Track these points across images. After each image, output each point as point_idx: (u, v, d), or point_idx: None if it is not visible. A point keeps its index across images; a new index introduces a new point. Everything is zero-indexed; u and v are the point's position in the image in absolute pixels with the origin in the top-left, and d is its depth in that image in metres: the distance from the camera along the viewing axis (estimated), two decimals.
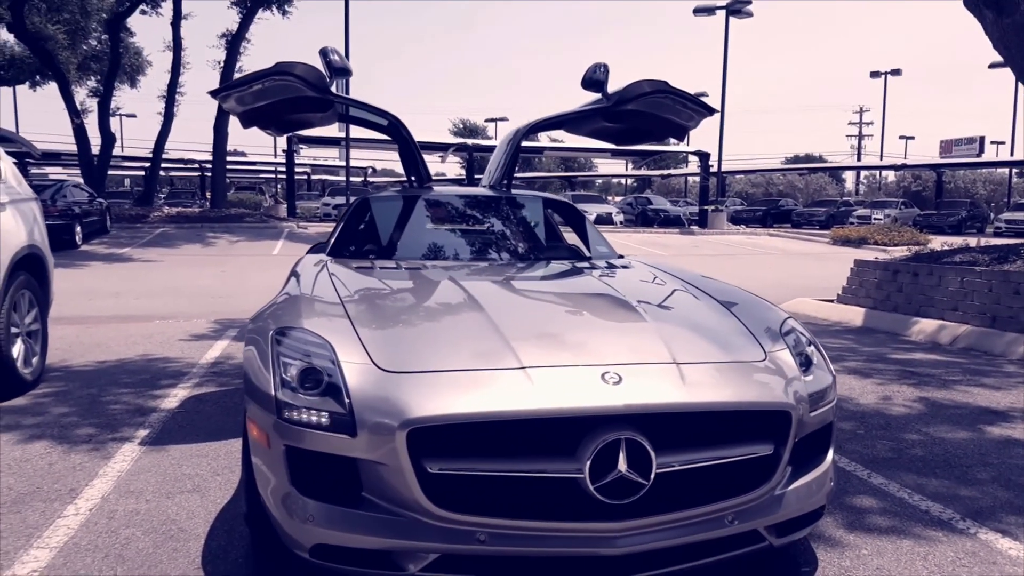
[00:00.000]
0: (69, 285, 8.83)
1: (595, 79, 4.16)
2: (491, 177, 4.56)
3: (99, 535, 2.48)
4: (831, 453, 2.27)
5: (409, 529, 1.83)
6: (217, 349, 5.63)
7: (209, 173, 30.01)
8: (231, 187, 37.96)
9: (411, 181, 4.56)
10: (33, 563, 2.29)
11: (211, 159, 25.60)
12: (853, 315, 7.55)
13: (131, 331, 6.36)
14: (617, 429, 1.83)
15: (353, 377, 1.93)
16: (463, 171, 34.55)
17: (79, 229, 14.90)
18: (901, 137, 52.72)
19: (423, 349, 2.08)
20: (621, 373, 1.96)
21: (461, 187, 4.80)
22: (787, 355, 2.24)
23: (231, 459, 3.22)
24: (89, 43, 24.56)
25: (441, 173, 47.13)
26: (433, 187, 4.37)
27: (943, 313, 6.67)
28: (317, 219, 25.17)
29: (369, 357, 2.00)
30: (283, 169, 31.49)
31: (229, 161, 29.39)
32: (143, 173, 30.86)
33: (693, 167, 40.94)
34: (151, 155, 25.55)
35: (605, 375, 1.95)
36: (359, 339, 2.09)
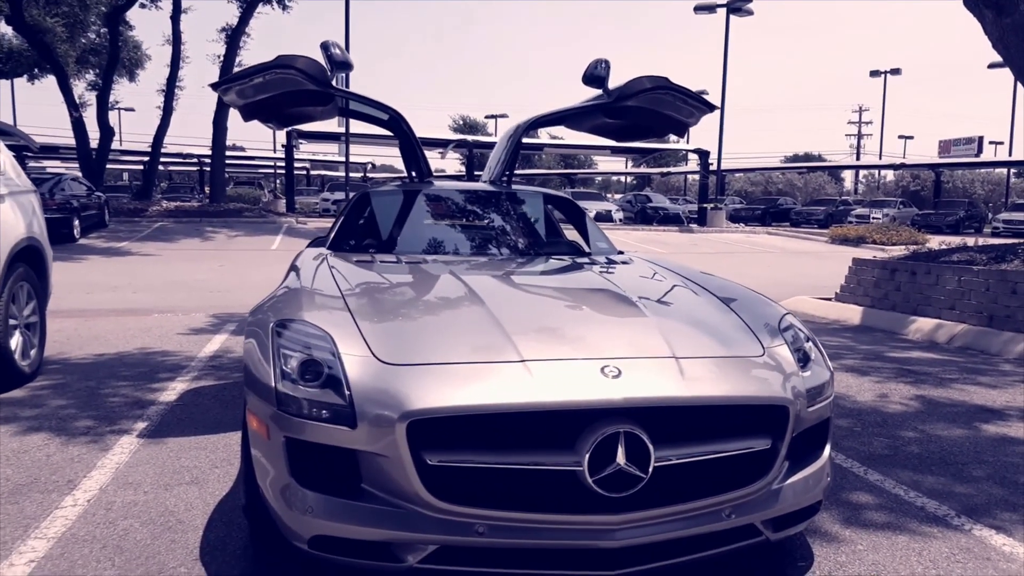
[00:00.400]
0: (67, 278, 8.81)
1: (596, 75, 4.16)
2: (491, 172, 4.56)
3: (97, 526, 2.48)
4: (828, 448, 2.28)
5: (408, 521, 1.84)
6: (216, 343, 5.62)
7: (208, 168, 29.96)
8: (230, 182, 37.90)
9: (411, 176, 4.56)
10: (31, 553, 2.29)
11: (210, 154, 25.54)
12: (851, 313, 7.57)
13: (129, 324, 6.35)
14: (616, 422, 1.84)
15: (353, 369, 1.94)
16: (463, 168, 34.50)
17: (77, 223, 14.87)
18: (900, 137, 52.87)
19: (423, 342, 2.08)
20: (620, 367, 1.97)
21: (462, 182, 4.80)
22: (785, 351, 2.25)
23: (230, 452, 3.22)
24: (88, 36, 24.49)
25: (441, 170, 47.05)
26: (433, 182, 4.37)
27: (940, 312, 6.68)
28: (316, 214, 25.17)
29: (369, 349, 2.01)
30: (282, 164, 31.45)
31: (228, 156, 29.31)
32: (141, 167, 30.81)
33: (693, 165, 40.92)
34: (150, 149, 25.49)
35: (604, 369, 1.95)
36: (359, 331, 2.09)
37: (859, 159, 51.56)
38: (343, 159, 27.60)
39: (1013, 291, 6.07)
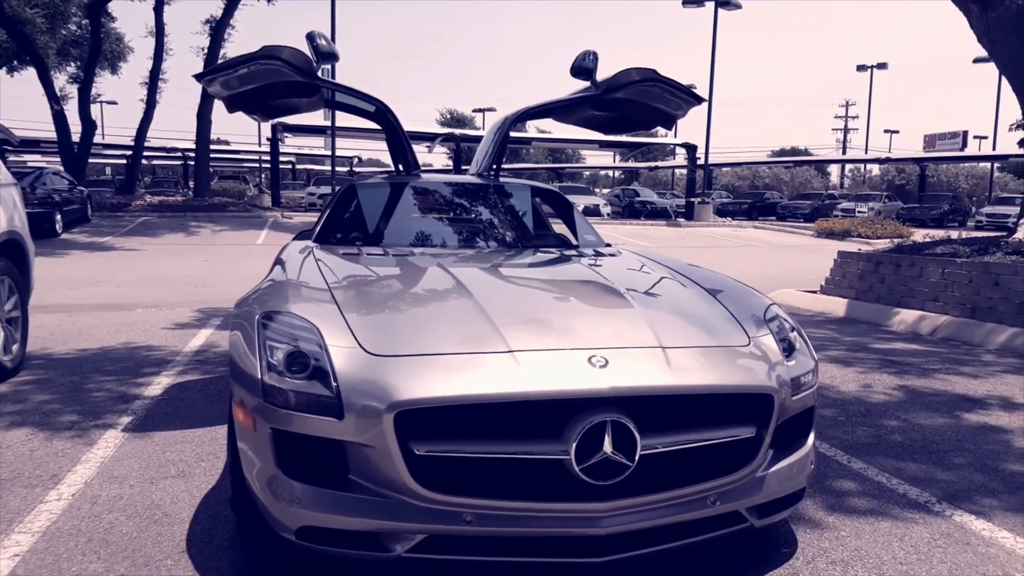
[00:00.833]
0: (49, 273, 8.70)
1: (584, 67, 4.16)
2: (479, 165, 4.55)
3: (82, 520, 2.46)
4: (812, 437, 2.31)
5: (396, 511, 1.84)
6: (201, 337, 5.58)
7: (192, 162, 29.66)
8: (214, 176, 37.54)
9: (399, 168, 4.54)
10: (15, 547, 2.27)
11: (194, 147, 25.27)
12: (836, 306, 7.64)
13: (113, 319, 6.29)
14: (603, 411, 1.85)
15: (340, 360, 1.93)
16: (450, 162, 34.38)
17: (59, 217, 14.67)
18: (886, 131, 53.25)
19: (411, 333, 2.08)
20: (607, 357, 1.98)
21: (449, 174, 4.79)
22: (770, 340, 2.27)
23: (215, 445, 3.20)
24: (69, 28, 24.12)
25: (428, 164, 46.85)
26: (421, 175, 4.35)
27: (924, 304, 6.77)
28: (302, 209, 24.97)
29: (356, 341, 2.00)
30: (267, 158, 31.16)
31: (213, 150, 29.02)
32: (125, 161, 30.47)
33: (680, 159, 41.06)
34: (133, 143, 25.21)
35: (592, 359, 1.96)
36: (346, 323, 2.08)
37: (845, 153, 51.99)
38: (329, 153, 27.43)
39: (995, 283, 6.15)
